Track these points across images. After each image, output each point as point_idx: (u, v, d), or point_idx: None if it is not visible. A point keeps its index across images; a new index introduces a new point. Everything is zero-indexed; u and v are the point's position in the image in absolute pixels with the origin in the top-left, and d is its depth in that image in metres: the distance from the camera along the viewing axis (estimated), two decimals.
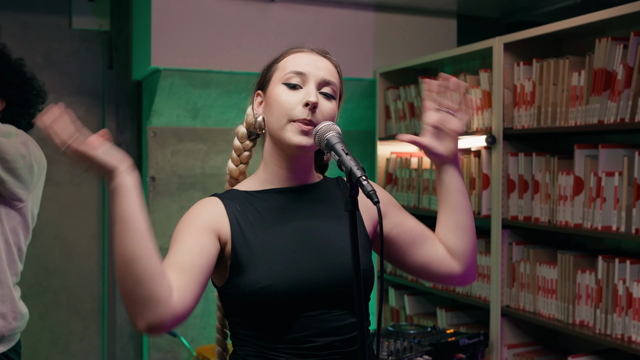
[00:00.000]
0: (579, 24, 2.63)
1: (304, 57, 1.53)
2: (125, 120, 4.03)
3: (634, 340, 2.46)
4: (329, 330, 1.45)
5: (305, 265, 1.45)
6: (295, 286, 1.42)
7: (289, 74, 1.50)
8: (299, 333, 1.44)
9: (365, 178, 1.25)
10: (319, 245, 1.48)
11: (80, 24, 3.90)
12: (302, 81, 1.50)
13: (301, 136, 1.46)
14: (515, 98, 2.96)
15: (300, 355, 1.44)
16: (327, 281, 1.45)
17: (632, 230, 2.47)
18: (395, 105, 3.83)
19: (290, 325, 1.44)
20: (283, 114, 1.48)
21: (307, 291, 1.43)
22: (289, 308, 1.43)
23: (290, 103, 1.47)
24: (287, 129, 1.47)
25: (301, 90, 1.49)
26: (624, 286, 2.50)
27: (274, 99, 1.50)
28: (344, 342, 1.46)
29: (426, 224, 1.61)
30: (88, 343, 3.98)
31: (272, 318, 1.44)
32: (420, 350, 2.69)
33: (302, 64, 1.51)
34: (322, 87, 1.51)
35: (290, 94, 1.49)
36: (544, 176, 2.85)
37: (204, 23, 3.60)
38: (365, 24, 3.96)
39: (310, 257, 1.46)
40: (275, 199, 1.53)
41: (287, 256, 1.45)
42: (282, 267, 1.43)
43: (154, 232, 1.38)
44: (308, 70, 1.50)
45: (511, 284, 3.01)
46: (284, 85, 1.50)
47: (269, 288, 1.41)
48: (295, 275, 1.43)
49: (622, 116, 2.48)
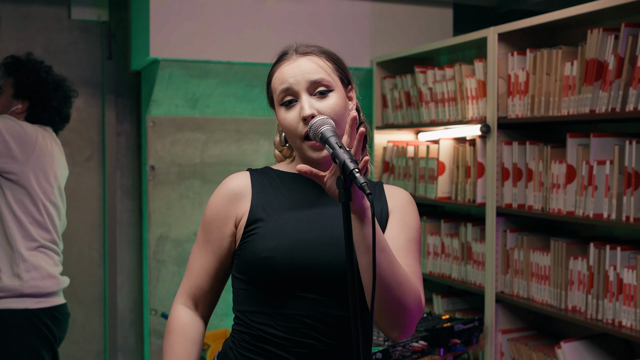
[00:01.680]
0: (571, 14, 2.66)
1: (286, 69, 1.56)
2: (125, 110, 4.06)
3: (624, 325, 2.51)
4: (321, 316, 1.50)
5: (309, 247, 1.50)
6: (294, 263, 1.48)
7: (279, 94, 1.55)
8: (292, 311, 1.50)
9: (358, 171, 1.28)
10: (329, 232, 1.53)
11: (79, 15, 3.92)
12: (294, 94, 1.54)
13: (317, 152, 1.52)
14: (510, 87, 3.00)
15: (291, 334, 1.50)
16: (327, 266, 1.49)
17: (623, 217, 2.52)
18: (392, 94, 3.86)
19: (286, 303, 1.50)
20: (293, 136, 1.55)
21: (305, 270, 1.49)
22: (286, 284, 1.50)
23: (292, 124, 1.53)
24: (303, 147, 1.54)
25: (297, 104, 1.54)
26: (614, 272, 2.54)
27: (280, 123, 1.58)
28: (333, 329, 1.51)
29: (422, 211, 1.60)
30: (89, 330, 4.03)
31: (270, 291, 1.51)
32: (416, 335, 2.73)
33: (286, 78, 1.54)
34: (314, 89, 1.54)
35: (289, 114, 1.54)
36: (537, 165, 2.89)
37: (202, 14, 3.62)
38: (362, 14, 3.99)
39: (317, 241, 1.51)
40: (303, 183, 1.60)
41: (295, 235, 1.51)
42: (286, 243, 1.50)
43: (153, 221, 1.45)
44: (292, 82, 1.53)
45: (505, 270, 3.06)
46: (282, 106, 1.55)
47: (271, 259, 1.49)
48: (297, 253, 1.49)
49: (613, 106, 2.52)
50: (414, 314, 1.46)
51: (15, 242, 2.67)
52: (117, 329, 4.05)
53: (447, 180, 3.43)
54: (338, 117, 1.52)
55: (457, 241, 3.38)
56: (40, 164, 2.73)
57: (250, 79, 3.76)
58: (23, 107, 2.83)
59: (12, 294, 2.65)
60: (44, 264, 2.71)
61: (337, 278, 1.50)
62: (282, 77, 1.56)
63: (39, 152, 2.72)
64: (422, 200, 3.55)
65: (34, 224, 2.71)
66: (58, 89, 2.87)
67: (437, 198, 3.43)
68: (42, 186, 2.73)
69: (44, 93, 2.83)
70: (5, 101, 2.84)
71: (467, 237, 3.30)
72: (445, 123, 3.42)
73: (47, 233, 2.75)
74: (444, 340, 2.79)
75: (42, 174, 2.74)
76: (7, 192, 2.68)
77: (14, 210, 2.68)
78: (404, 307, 1.44)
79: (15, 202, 2.68)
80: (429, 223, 3.56)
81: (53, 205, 2.78)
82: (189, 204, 3.87)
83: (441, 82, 3.44)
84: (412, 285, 1.45)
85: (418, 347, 2.68)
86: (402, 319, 1.45)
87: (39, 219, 2.72)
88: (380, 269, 1.38)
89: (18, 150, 2.66)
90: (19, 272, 2.66)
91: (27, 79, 2.81)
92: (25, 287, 2.65)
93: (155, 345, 3.83)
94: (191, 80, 3.72)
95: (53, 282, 2.72)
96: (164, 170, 3.84)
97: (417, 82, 3.63)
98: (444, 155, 3.43)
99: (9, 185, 2.68)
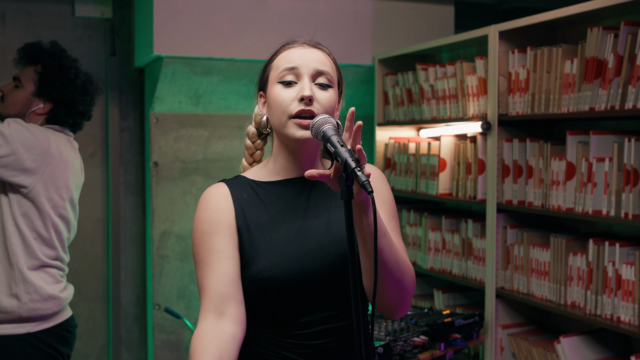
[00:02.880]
0: (571, 13, 2.68)
1: (295, 51, 1.58)
2: (128, 106, 4.09)
3: (623, 320, 2.53)
4: (324, 318, 1.53)
5: (304, 256, 1.52)
6: (294, 276, 1.50)
7: (282, 72, 1.55)
8: (297, 319, 1.52)
9: (359, 169, 1.31)
10: (319, 236, 1.55)
11: (83, 12, 3.94)
12: (296, 76, 1.55)
13: (302, 130, 1.52)
14: (510, 85, 3.02)
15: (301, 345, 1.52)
16: (325, 271, 1.52)
17: (622, 214, 2.54)
18: (393, 91, 3.89)
19: (290, 312, 1.52)
20: (282, 112, 1.54)
21: (305, 281, 1.50)
22: (287, 296, 1.51)
23: (286, 100, 1.53)
24: (289, 125, 1.53)
25: (296, 85, 1.54)
26: (613, 268, 2.57)
27: (272, 99, 1.56)
28: (338, 329, 1.54)
29: (423, 207, 1.63)
30: (93, 325, 4.07)
31: (274, 305, 1.52)
32: (417, 330, 2.76)
33: (293, 58, 1.56)
34: (316, 77, 1.56)
35: (286, 92, 1.54)
36: (537, 161, 2.92)
37: (205, 11, 3.64)
38: (364, 11, 4.01)
39: (310, 247, 1.53)
40: (281, 190, 1.59)
41: (287, 247, 1.52)
42: (282, 259, 1.50)
43: (157, 217, 1.46)
44: (299, 64, 1.55)
45: (505, 266, 3.09)
46: (280, 84, 1.55)
47: (271, 279, 1.49)
48: (294, 266, 1.50)
49: (613, 103, 2.54)
50: (411, 291, 1.54)
51: (16, 260, 2.48)
52: (121, 324, 4.08)
53: (448, 176, 3.46)
54: (329, 114, 1.54)
55: (458, 237, 3.41)
56: (51, 176, 2.52)
57: (252, 76, 3.78)
58: (45, 109, 2.62)
59: (10, 318, 2.47)
60: (44, 284, 2.51)
61: (334, 280, 1.53)
62: (289, 57, 1.57)
63: (51, 163, 2.51)
64: (423, 197, 3.57)
65: (39, 240, 2.52)
66: (86, 91, 2.68)
67: (438, 194, 3.46)
68: (52, 200, 2.53)
69: (71, 96, 2.63)
70: (24, 97, 2.61)
71: (468, 233, 3.33)
72: (447, 120, 3.45)
73: (51, 250, 2.56)
74: (445, 335, 2.81)
75: (53, 186, 2.53)
76: (14, 203, 2.48)
77: (19, 225, 2.48)
78: (405, 287, 1.51)
79: (21, 216, 2.48)
80: (430, 219, 3.59)
81: (62, 220, 2.59)
82: (192, 200, 3.90)
83: (442, 79, 3.46)
84: (408, 264, 1.52)
85: (419, 341, 2.70)
86: (404, 298, 1.52)
87: (44, 235, 2.53)
88: (383, 254, 1.43)
89: (29, 161, 2.45)
90: (17, 293, 2.47)
91: (53, 79, 2.59)
92: (24, 309, 2.46)
93: (159, 340, 3.86)
94: (194, 77, 3.74)
95: (54, 303, 2.54)
96: (167, 166, 3.87)
97: (419, 79, 3.65)
98: (445, 152, 3.45)
99: (16, 197, 2.48)
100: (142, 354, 4.14)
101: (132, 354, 4.13)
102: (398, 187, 3.80)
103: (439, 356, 2.79)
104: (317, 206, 1.59)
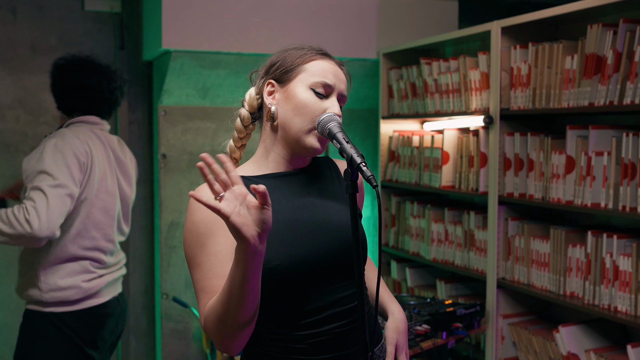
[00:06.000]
0: (572, 9, 2.72)
1: (329, 66, 1.64)
2: (137, 99, 4.14)
3: (620, 310, 2.59)
4: (332, 302, 1.58)
5: (308, 242, 1.56)
6: (301, 263, 1.54)
7: (319, 83, 1.61)
8: (308, 306, 1.57)
9: (365, 165, 1.38)
10: (318, 222, 1.60)
11: (92, 6, 3.99)
12: (326, 91, 1.62)
13: (319, 143, 1.60)
14: (512, 80, 3.07)
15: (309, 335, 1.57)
16: (330, 255, 1.57)
17: (620, 207, 2.59)
18: (397, 84, 3.94)
19: (300, 299, 1.57)
20: (310, 120, 1.59)
21: (312, 266, 1.55)
22: (297, 283, 1.55)
23: (318, 111, 1.59)
24: (311, 134, 1.59)
25: (325, 100, 1.61)
26: (611, 259, 2.62)
27: (301, 102, 1.60)
28: (345, 312, 1.60)
29: (426, 199, 1.68)
30: None
31: (284, 293, 1.56)
32: (420, 319, 2.80)
33: (329, 75, 1.63)
34: (339, 99, 1.64)
35: (317, 102, 1.60)
36: (538, 155, 2.97)
37: (213, 6, 3.69)
38: (369, 5, 4.05)
39: (312, 234, 1.57)
40: (274, 183, 1.63)
41: (290, 235, 1.56)
42: (287, 247, 1.54)
43: (165, 208, 1.50)
44: (334, 83, 1.63)
45: (506, 257, 3.15)
46: (313, 91, 1.61)
47: (278, 268, 1.53)
48: (300, 252, 1.55)
49: (611, 99, 2.59)
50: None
51: (37, 254, 2.63)
52: (130, 313, 4.15)
53: (451, 169, 3.51)
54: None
55: (460, 229, 3.46)
56: (96, 198, 2.69)
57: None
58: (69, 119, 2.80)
59: (36, 300, 2.64)
60: (65, 277, 2.64)
61: (341, 262, 1.58)
62: (325, 69, 1.63)
63: (92, 183, 2.66)
64: (426, 189, 3.63)
65: (72, 233, 2.65)
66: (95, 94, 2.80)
67: (441, 187, 3.51)
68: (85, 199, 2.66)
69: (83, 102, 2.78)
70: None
71: (470, 224, 3.38)
72: (450, 114, 3.49)
73: (87, 240, 2.69)
74: (447, 324, 2.85)
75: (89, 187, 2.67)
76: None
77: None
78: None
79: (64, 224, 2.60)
80: (433, 211, 3.64)
81: (102, 210, 2.71)
82: None
83: (446, 74, 3.51)
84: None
85: (421, 330, 2.75)
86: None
87: (77, 228, 2.66)
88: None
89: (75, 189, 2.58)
90: (39, 285, 2.62)
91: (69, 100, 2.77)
92: (45, 297, 2.62)
93: (167, 328, 3.93)
94: (202, 71, 3.79)
95: (75, 292, 2.65)
96: (175, 158, 3.92)
97: (423, 73, 3.70)
98: (448, 145, 3.50)
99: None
100: (151, 342, 4.21)
101: (140, 341, 4.20)
102: (402, 179, 3.86)
103: (441, 345, 2.84)
104: (312, 194, 1.65)
